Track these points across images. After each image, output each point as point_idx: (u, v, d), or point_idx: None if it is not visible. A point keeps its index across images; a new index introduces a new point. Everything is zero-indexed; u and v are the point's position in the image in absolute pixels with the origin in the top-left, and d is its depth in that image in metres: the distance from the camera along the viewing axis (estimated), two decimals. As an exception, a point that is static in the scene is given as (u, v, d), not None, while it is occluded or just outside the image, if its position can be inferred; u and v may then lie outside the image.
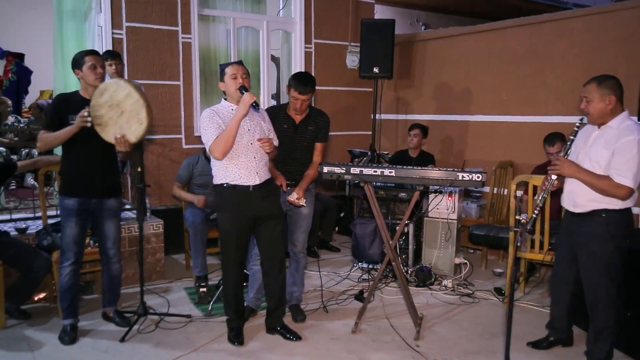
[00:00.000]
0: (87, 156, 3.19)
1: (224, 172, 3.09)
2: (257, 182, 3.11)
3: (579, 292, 3.03)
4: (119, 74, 4.27)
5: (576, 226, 2.93)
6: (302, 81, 3.35)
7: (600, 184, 2.72)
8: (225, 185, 3.10)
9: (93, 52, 3.24)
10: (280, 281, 3.34)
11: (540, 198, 2.93)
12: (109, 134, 3.11)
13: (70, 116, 3.14)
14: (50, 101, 6.71)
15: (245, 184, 3.09)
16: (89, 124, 3.05)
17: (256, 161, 3.11)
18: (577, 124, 2.83)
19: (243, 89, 3.03)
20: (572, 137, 2.86)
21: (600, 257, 2.83)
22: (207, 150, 3.07)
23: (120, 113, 3.07)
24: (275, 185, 3.32)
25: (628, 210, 2.82)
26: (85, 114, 3.03)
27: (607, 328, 2.89)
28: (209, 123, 3.04)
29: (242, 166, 3.08)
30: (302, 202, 3.41)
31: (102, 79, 3.22)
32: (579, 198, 2.87)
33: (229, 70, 3.08)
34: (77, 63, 3.18)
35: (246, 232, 3.19)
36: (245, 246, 3.24)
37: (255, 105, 3.00)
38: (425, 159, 5.14)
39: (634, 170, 2.64)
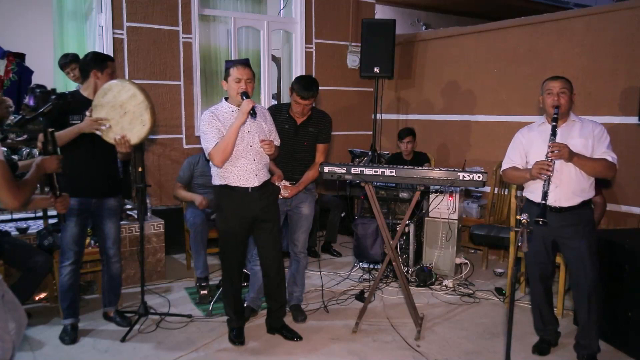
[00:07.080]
0: (87, 156, 3.19)
1: (223, 174, 3.07)
2: (256, 184, 3.10)
3: (549, 286, 3.20)
4: (78, 79, 4.11)
5: (562, 221, 2.95)
6: (305, 86, 3.31)
7: (599, 164, 2.89)
8: (224, 186, 3.09)
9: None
10: (280, 281, 3.34)
11: (545, 185, 2.82)
12: (109, 135, 3.11)
13: (70, 116, 3.14)
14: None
15: (244, 185, 3.07)
16: (98, 132, 3.07)
17: (255, 163, 3.09)
18: (555, 112, 2.92)
19: (244, 94, 2.96)
20: (554, 124, 2.92)
21: (590, 245, 2.94)
22: (207, 156, 3.03)
23: (123, 114, 3.06)
24: (274, 186, 3.30)
25: None
26: (104, 127, 3.06)
27: (598, 320, 2.98)
28: (209, 127, 2.99)
29: (241, 168, 3.06)
30: (284, 193, 3.37)
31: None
32: (570, 192, 2.94)
33: (233, 73, 3.00)
34: None
35: (245, 232, 3.18)
36: (243, 246, 3.23)
37: (252, 113, 2.93)
38: (420, 159, 5.14)
39: (613, 152, 2.94)
